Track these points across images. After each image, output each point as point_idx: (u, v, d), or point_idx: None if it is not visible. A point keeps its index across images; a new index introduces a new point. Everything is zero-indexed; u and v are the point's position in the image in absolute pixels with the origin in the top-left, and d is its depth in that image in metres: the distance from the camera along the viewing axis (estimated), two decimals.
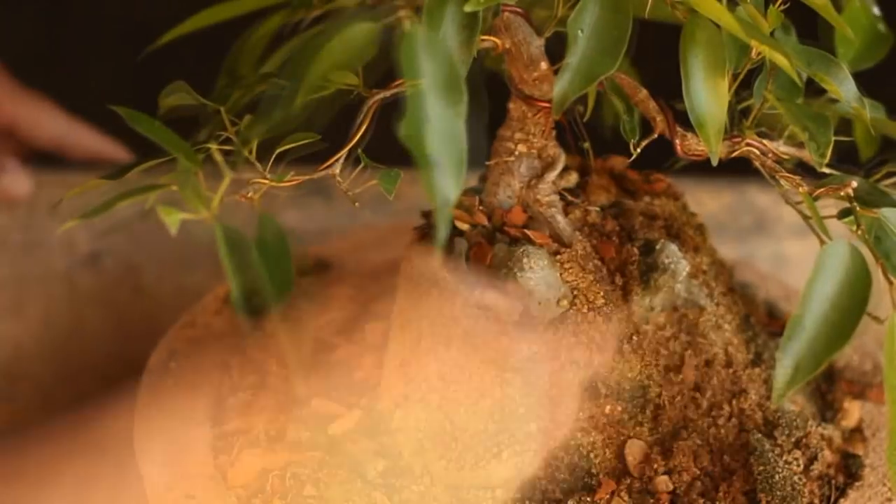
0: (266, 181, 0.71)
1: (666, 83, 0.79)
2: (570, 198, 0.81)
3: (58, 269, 1.11)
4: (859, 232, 0.71)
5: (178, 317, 1.10)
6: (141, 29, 0.88)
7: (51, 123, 1.13)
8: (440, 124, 0.63)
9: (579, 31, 0.70)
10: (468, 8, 0.68)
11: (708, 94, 0.71)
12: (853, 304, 0.68)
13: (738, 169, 0.86)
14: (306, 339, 0.81)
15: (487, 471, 0.78)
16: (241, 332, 0.91)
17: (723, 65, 0.71)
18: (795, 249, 1.13)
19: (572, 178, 0.82)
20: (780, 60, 0.69)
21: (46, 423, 0.77)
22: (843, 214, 0.76)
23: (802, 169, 0.79)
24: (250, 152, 0.69)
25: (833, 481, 0.79)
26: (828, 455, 0.80)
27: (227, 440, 0.82)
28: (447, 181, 0.62)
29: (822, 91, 0.80)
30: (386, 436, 0.81)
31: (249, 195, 0.70)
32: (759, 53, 0.74)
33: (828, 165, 0.75)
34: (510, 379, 0.77)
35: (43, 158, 1.16)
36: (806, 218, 0.77)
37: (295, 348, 0.75)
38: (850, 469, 0.81)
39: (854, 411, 0.84)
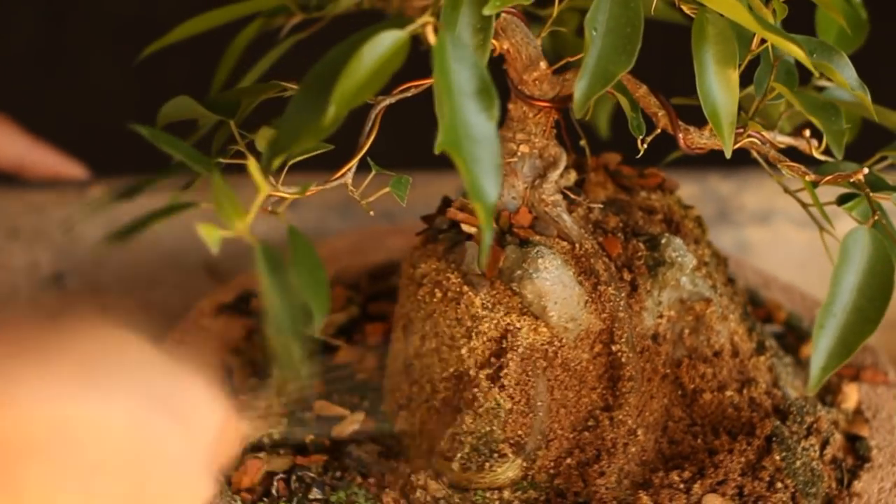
0: (289, 194, 0.70)
1: (659, 79, 0.80)
2: (572, 196, 0.81)
3: (22, 291, 1.09)
4: (876, 217, 0.73)
5: (144, 333, 1.09)
6: (142, 28, 0.87)
7: (11, 145, 1.11)
8: (476, 129, 0.63)
9: (593, 31, 0.70)
10: (487, 11, 0.68)
11: (720, 86, 0.72)
12: (879, 289, 0.70)
13: (699, 159, 0.87)
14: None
15: (495, 472, 0.78)
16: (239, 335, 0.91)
17: (733, 58, 0.72)
18: (757, 236, 1.14)
19: (571, 177, 0.83)
20: (796, 52, 0.70)
21: None
22: (842, 201, 0.77)
23: (793, 158, 0.80)
24: (275, 166, 0.68)
25: (843, 464, 0.81)
26: (838, 439, 0.81)
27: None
28: (488, 183, 0.63)
29: (805, 80, 0.81)
30: (390, 437, 0.82)
31: (270, 209, 0.70)
32: (758, 45, 0.75)
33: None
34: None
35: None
36: (806, 206, 0.78)
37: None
38: (857, 451, 0.82)
39: (852, 394, 0.86)
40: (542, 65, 0.78)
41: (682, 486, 0.77)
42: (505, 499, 0.78)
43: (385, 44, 0.64)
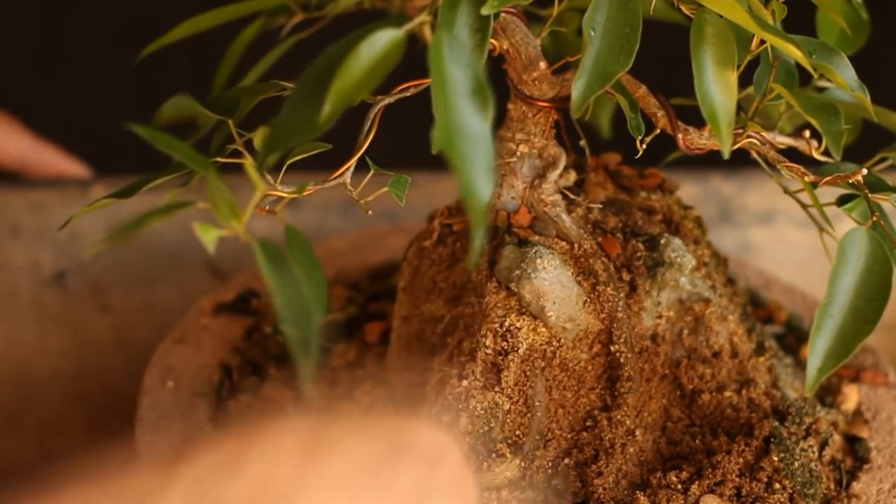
0: (287, 193, 0.70)
1: (659, 79, 0.79)
2: (571, 196, 0.81)
3: (23, 290, 1.09)
4: (874, 218, 0.72)
5: (146, 332, 1.09)
6: (142, 28, 0.87)
7: (14, 144, 1.11)
8: (471, 129, 0.63)
9: (591, 31, 0.70)
10: (485, 11, 0.68)
11: (719, 87, 0.72)
12: (877, 290, 0.69)
13: (701, 160, 0.87)
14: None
15: (493, 472, 0.78)
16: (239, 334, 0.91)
17: (732, 59, 0.72)
18: (759, 237, 1.14)
19: (571, 177, 0.82)
20: (794, 53, 0.69)
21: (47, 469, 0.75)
22: (842, 202, 0.77)
23: (793, 159, 0.80)
24: (270, 163, 0.68)
25: (842, 465, 0.81)
26: (836, 440, 0.81)
27: None
28: (481, 183, 0.62)
29: (806, 80, 0.81)
30: None
31: (268, 209, 0.70)
32: (758, 45, 0.75)
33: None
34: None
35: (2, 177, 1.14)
36: (805, 207, 0.78)
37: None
38: (857, 452, 0.82)
39: (852, 395, 0.86)
40: (542, 65, 0.78)
41: (679, 486, 0.77)
42: (503, 498, 0.78)
43: (381, 42, 0.64)
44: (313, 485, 0.57)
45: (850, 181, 0.74)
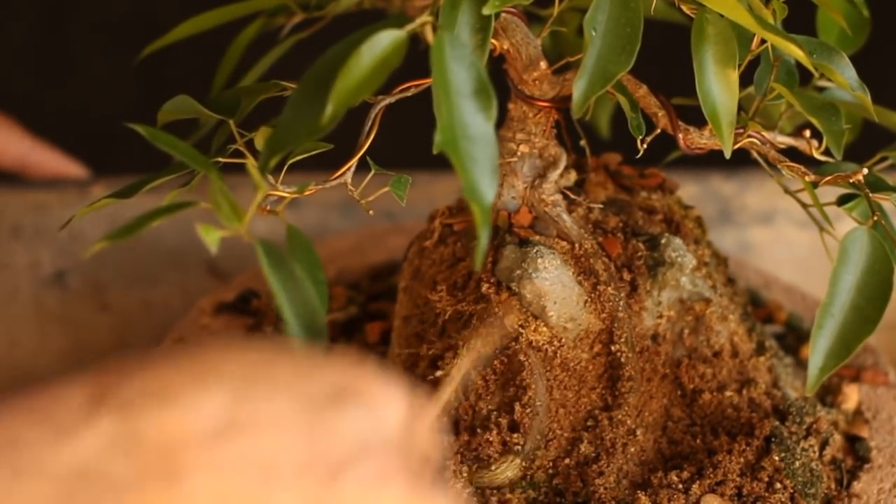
0: (288, 193, 0.70)
1: (659, 79, 0.79)
2: (572, 196, 0.81)
3: (23, 290, 1.09)
4: (875, 217, 0.72)
5: (146, 332, 1.09)
6: (142, 28, 0.87)
7: (14, 145, 1.11)
8: (474, 129, 0.63)
9: (592, 31, 0.70)
10: (486, 11, 0.68)
11: (720, 87, 0.72)
12: (878, 289, 0.70)
13: (701, 159, 0.87)
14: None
15: (493, 472, 0.78)
16: (239, 334, 0.91)
17: (733, 58, 0.72)
18: (760, 237, 1.15)
19: (571, 177, 0.82)
20: (795, 52, 0.69)
21: None
22: (842, 201, 0.77)
23: (793, 158, 0.80)
24: (272, 164, 0.68)
25: (843, 465, 0.81)
26: (837, 439, 0.81)
27: None
28: (485, 183, 0.62)
29: (806, 80, 0.81)
30: None
31: (269, 209, 0.70)
32: (758, 45, 0.75)
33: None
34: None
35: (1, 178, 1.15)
36: (806, 207, 0.78)
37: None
38: (857, 452, 0.82)
39: (852, 394, 0.86)
40: (542, 65, 0.78)
41: (680, 486, 0.77)
42: (504, 498, 0.78)
43: (383, 43, 0.64)
44: (243, 422, 0.54)
45: (851, 181, 0.74)
